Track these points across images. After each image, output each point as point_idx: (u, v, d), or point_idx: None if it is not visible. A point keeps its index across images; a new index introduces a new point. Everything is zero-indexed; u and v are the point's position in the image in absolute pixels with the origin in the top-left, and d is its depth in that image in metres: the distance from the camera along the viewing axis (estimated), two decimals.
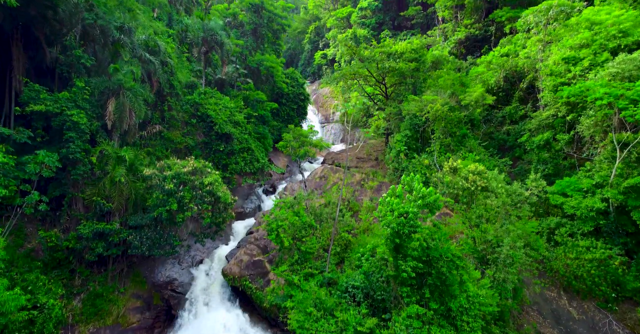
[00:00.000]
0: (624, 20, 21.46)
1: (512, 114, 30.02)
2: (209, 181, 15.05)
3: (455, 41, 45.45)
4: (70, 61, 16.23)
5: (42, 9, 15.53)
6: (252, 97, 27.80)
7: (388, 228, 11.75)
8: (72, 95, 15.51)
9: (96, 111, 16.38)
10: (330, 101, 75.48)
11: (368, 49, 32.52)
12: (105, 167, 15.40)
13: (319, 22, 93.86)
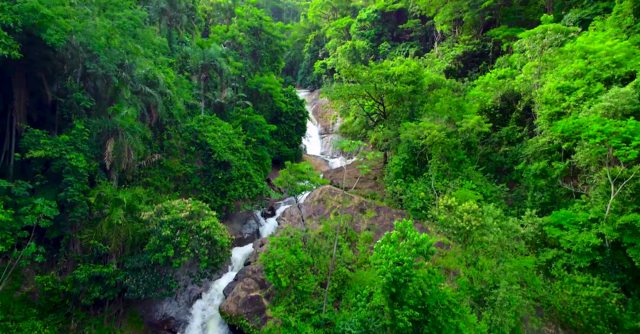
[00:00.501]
0: (616, 50, 21.69)
1: (509, 135, 30.21)
2: (206, 224, 15.17)
3: (454, 56, 45.78)
4: (70, 103, 16.45)
5: (43, 50, 15.75)
6: (251, 120, 28.03)
7: (384, 277, 11.84)
8: (72, 137, 15.70)
9: (95, 152, 16.54)
10: (330, 111, 75.73)
11: (366, 69, 32.78)
12: (103, 208, 15.56)
13: (318, 32, 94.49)
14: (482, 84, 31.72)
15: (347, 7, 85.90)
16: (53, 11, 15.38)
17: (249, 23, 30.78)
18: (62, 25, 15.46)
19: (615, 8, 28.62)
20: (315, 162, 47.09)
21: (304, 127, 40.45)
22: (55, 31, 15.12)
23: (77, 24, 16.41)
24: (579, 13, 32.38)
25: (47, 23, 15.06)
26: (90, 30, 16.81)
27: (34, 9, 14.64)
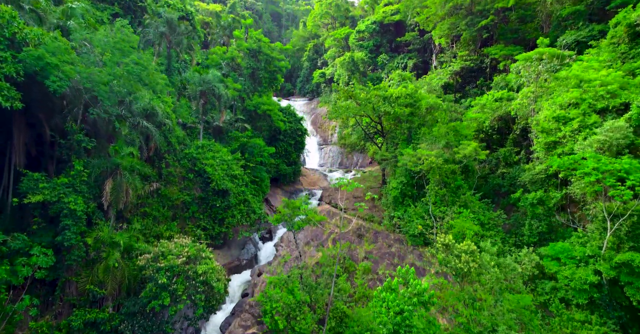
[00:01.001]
0: (611, 80, 21.92)
1: (506, 157, 30.37)
2: (203, 269, 15.13)
3: (451, 72, 46.06)
4: (70, 144, 16.47)
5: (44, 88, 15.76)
6: (250, 143, 28.10)
7: (384, 328, 11.85)
8: (71, 178, 15.71)
9: (93, 192, 16.56)
10: (329, 122, 75.83)
11: (364, 90, 32.96)
12: (100, 249, 15.53)
13: (317, 40, 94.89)
14: (479, 106, 31.94)
15: (345, 17, 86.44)
16: (58, 59, 15.44)
17: (247, 45, 30.97)
18: (66, 72, 15.51)
19: (610, 33, 28.93)
20: (314, 176, 47.14)
21: (302, 144, 40.54)
22: (58, 78, 15.17)
23: (82, 70, 16.46)
24: (574, 35, 32.69)
25: (51, 70, 15.12)
26: (95, 77, 16.83)
27: (39, 57, 14.71)
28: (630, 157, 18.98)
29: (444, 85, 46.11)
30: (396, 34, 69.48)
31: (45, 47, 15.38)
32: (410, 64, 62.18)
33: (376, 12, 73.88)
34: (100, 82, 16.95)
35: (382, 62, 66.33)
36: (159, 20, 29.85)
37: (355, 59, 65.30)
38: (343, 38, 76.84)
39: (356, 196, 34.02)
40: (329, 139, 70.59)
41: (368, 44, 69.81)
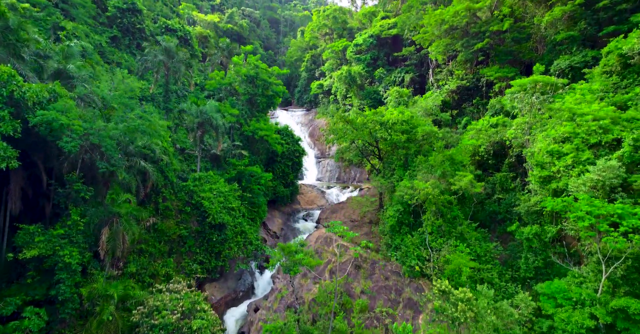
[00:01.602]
0: (603, 115, 22.19)
1: (502, 182, 30.56)
2: (198, 325, 15.08)
3: (448, 90, 46.43)
4: (67, 193, 16.49)
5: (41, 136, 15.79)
6: (247, 171, 28.17)
7: None
8: (67, 229, 15.71)
9: (89, 241, 16.55)
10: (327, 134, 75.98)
11: (361, 115, 33.15)
12: (94, 300, 15.46)
13: (315, 51, 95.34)
14: (475, 130, 32.18)
15: (343, 28, 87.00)
16: (69, 117, 15.49)
17: (245, 71, 31.19)
18: (76, 130, 15.54)
19: (602, 61, 29.33)
20: (312, 194, 47.16)
21: (300, 165, 40.65)
22: (70, 138, 15.21)
23: (88, 126, 16.48)
24: (568, 60, 33.08)
25: (63, 130, 15.16)
26: (102, 132, 16.84)
27: (53, 119, 14.77)
28: (624, 197, 19.17)
29: (441, 103, 46.40)
30: (393, 47, 70.03)
31: (54, 106, 15.41)
32: (407, 79, 62.57)
33: (373, 25, 74.47)
34: (107, 136, 16.97)
35: (379, 76, 66.73)
36: (157, 48, 30.06)
37: (352, 73, 65.67)
38: (340, 50, 77.33)
39: (353, 219, 34.07)
40: (327, 153, 70.60)
41: (365, 58, 70.28)
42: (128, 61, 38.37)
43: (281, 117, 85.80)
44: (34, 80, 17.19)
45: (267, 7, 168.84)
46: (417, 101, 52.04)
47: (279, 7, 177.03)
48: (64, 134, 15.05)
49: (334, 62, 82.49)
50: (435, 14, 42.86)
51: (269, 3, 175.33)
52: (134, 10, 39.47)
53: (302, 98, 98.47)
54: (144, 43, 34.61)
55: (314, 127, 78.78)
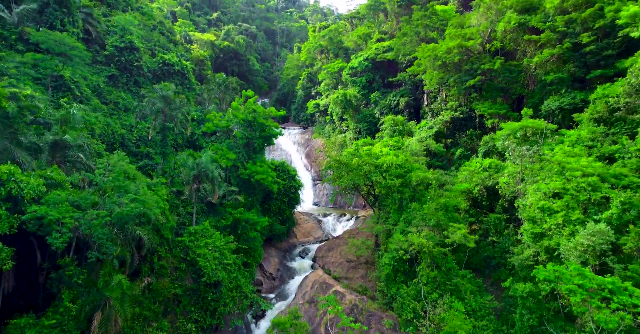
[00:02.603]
0: (591, 171, 22.74)
1: (496, 225, 30.95)
2: None
3: (442, 121, 47.11)
4: (60, 277, 16.63)
5: None
6: (243, 218, 28.40)
7: None
8: (59, 317, 15.78)
9: (81, 326, 16.59)
10: (323, 155, 76.23)
11: (356, 156, 33.57)
12: None
13: (311, 69, 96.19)
14: (468, 172, 32.63)
15: (339, 48, 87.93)
16: (60, 210, 15.66)
17: (242, 116, 31.67)
18: (67, 224, 15.74)
19: (590, 107, 30.09)
20: (308, 225, 47.25)
21: (296, 200, 40.90)
22: (59, 234, 15.39)
23: (79, 215, 16.62)
24: (558, 101, 33.86)
25: (53, 226, 15.36)
26: (94, 222, 16.99)
27: (41, 217, 14.93)
28: (614, 261, 19.58)
29: (436, 133, 47.01)
30: (389, 70, 70.97)
31: (47, 199, 15.61)
32: (402, 102, 63.31)
33: (368, 47, 75.58)
34: (98, 226, 17.16)
35: (374, 99, 67.55)
36: (155, 95, 30.49)
37: (348, 96, 66.42)
38: (336, 71, 78.26)
39: (349, 259, 34.23)
40: (324, 175, 71.05)
41: (361, 80, 71.18)
42: (125, 99, 38.72)
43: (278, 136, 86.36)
44: (31, 165, 17.43)
45: (263, 18, 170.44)
46: (413, 130, 52.74)
47: (275, 16, 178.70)
48: (54, 229, 15.20)
49: (330, 82, 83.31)
50: (428, 49, 43.75)
51: (265, 13, 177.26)
52: (131, 49, 39.98)
53: (298, 115, 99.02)
54: (141, 90, 35.04)
55: (310, 148, 79.18)
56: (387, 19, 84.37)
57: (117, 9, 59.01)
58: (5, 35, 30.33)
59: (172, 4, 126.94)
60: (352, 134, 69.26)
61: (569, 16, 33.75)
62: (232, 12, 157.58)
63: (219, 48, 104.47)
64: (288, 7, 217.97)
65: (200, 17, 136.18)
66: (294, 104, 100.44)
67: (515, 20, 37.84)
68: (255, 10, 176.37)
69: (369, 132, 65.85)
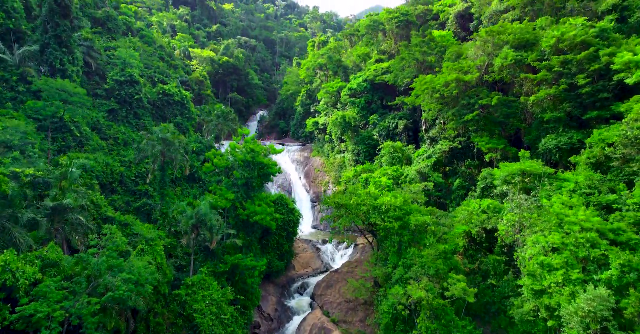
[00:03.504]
0: (589, 226, 22.83)
1: (495, 267, 30.91)
2: None
3: (440, 150, 47.31)
4: None
5: None
6: (242, 264, 28.27)
7: None
8: None
9: None
10: (322, 175, 76.19)
11: (355, 195, 33.59)
12: None
13: (310, 86, 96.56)
14: (467, 212, 32.63)
15: (337, 66, 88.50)
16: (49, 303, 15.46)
17: (241, 157, 31.80)
18: (57, 317, 15.52)
19: (586, 151, 30.36)
20: (306, 254, 46.97)
21: (294, 234, 40.76)
22: (48, 330, 15.18)
23: (69, 304, 16.41)
24: (555, 140, 34.11)
25: (42, 322, 15.14)
26: (84, 310, 16.78)
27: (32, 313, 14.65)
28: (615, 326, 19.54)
29: (434, 162, 47.15)
30: (387, 90, 71.37)
31: (36, 290, 15.48)
32: (400, 125, 63.57)
33: (367, 67, 76.08)
34: (89, 315, 16.96)
35: (373, 121, 67.81)
36: (153, 137, 30.55)
37: (346, 118, 66.72)
38: (335, 91, 78.70)
39: (348, 299, 33.98)
40: (322, 196, 70.47)
41: (359, 101, 71.47)
42: (125, 133, 38.76)
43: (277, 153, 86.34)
44: (28, 242, 17.31)
45: (262, 27, 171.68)
46: (411, 156, 52.89)
47: (275, 25, 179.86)
48: (43, 326, 14.97)
49: (329, 100, 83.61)
50: (425, 81, 44.17)
51: (264, 22, 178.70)
52: (132, 82, 40.15)
53: (297, 132, 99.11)
54: (139, 132, 35.12)
55: (309, 167, 79.01)
56: (385, 37, 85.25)
57: (117, 33, 59.46)
58: (6, 77, 30.46)
59: (172, 18, 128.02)
60: (351, 155, 69.38)
61: (565, 57, 34.21)
62: (232, 24, 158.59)
63: (219, 63, 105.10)
64: (287, 13, 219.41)
65: (199, 30, 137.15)
66: (293, 120, 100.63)
67: (512, 57, 38.34)
68: (255, 18, 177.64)
69: (367, 154, 65.97)
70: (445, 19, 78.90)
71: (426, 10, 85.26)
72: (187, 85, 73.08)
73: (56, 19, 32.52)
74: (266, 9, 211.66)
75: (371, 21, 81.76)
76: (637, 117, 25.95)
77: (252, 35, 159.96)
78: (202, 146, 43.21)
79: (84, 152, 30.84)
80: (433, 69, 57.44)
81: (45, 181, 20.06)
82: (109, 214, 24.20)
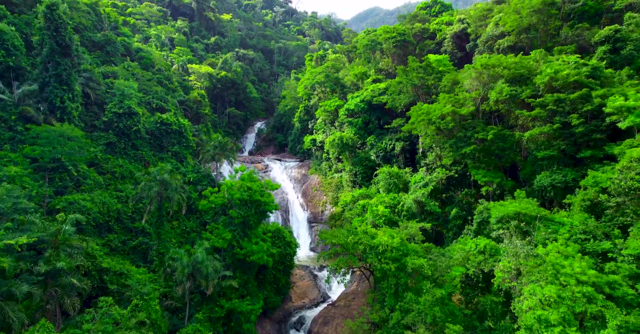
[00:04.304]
0: (585, 279, 22.98)
1: (492, 308, 30.88)
2: None
3: (437, 179, 47.55)
4: None
5: None
6: (238, 310, 28.11)
7: None
8: None
9: None
10: (320, 195, 76.12)
11: (352, 233, 33.62)
12: None
13: (308, 102, 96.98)
14: (464, 252, 32.70)
15: (335, 84, 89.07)
16: None
17: (238, 196, 31.84)
18: None
19: (581, 194, 30.66)
20: (303, 283, 46.66)
21: (292, 266, 40.60)
22: None
23: None
24: (549, 178, 34.45)
25: None
26: None
27: None
28: None
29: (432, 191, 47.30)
30: (384, 111, 71.84)
31: None
32: (397, 147, 63.95)
33: (364, 87, 76.63)
34: None
35: (370, 143, 68.16)
36: (150, 178, 30.53)
37: (344, 140, 67.02)
38: (333, 110, 79.14)
39: None
40: (320, 217, 70.35)
41: (357, 122, 71.89)
42: (122, 166, 38.66)
43: (275, 170, 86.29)
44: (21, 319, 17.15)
45: (261, 36, 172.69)
46: (408, 181, 53.07)
47: (273, 33, 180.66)
48: None
49: (327, 118, 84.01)
50: (422, 113, 44.60)
51: (262, 31, 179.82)
52: (130, 114, 40.19)
53: (295, 147, 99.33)
54: (136, 173, 35.08)
55: (307, 186, 78.85)
56: (383, 55, 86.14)
57: (116, 56, 59.63)
58: (5, 117, 30.43)
59: (170, 31, 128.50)
60: (349, 176, 69.58)
61: (558, 95, 34.73)
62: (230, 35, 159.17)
63: (217, 78, 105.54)
64: (286, 19, 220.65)
65: (198, 43, 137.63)
66: (291, 135, 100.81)
67: (507, 92, 38.88)
68: (253, 27, 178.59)
69: (364, 176, 66.18)
70: (442, 39, 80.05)
71: (423, 29, 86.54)
72: (185, 105, 73.28)
73: (57, 58, 32.63)
74: (264, 15, 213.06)
75: (369, 41, 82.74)
76: (629, 166, 26.30)
77: (250, 44, 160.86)
78: (199, 176, 43.19)
79: (81, 192, 30.72)
80: (430, 93, 58.15)
81: (41, 239, 19.93)
82: (104, 265, 24.06)
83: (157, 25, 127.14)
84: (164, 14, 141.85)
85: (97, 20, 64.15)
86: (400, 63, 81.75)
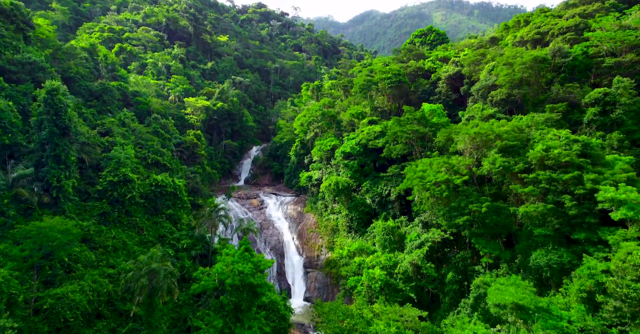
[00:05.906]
0: None
1: None
2: None
3: (432, 239, 47.43)
4: None
5: None
6: None
7: None
8: None
9: None
10: (316, 237, 75.30)
11: (348, 316, 33.13)
12: None
13: (305, 136, 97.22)
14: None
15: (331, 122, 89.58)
16: None
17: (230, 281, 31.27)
18: None
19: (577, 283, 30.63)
20: None
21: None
22: None
23: None
24: (545, 257, 34.46)
25: None
26: None
27: None
28: None
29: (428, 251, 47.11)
30: (380, 154, 72.27)
31: None
32: (393, 194, 63.89)
33: (361, 128, 77.21)
34: None
35: (366, 188, 68.16)
36: (140, 266, 30.00)
37: (340, 186, 67.02)
38: (329, 150, 79.50)
39: None
40: (316, 262, 69.16)
41: (353, 164, 72.05)
42: (115, 238, 38.00)
43: (270, 206, 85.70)
44: None
45: (257, 55, 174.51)
46: (404, 237, 52.88)
47: (269, 49, 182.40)
48: None
49: (323, 155, 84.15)
50: (417, 175, 44.89)
51: (259, 49, 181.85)
52: (125, 181, 39.81)
53: (291, 181, 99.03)
54: (123, 263, 34.44)
55: (302, 226, 77.93)
56: (378, 93, 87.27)
57: (112, 104, 59.60)
58: None
59: (167, 59, 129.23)
60: (345, 220, 69.29)
61: (551, 175, 35.20)
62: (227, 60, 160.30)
63: (213, 110, 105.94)
64: (282, 32, 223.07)
65: (195, 70, 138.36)
66: (287, 168, 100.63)
67: (500, 163, 39.32)
68: (250, 45, 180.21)
69: (360, 221, 65.94)
70: (437, 79, 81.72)
71: (417, 68, 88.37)
72: (181, 147, 73.17)
73: (56, 140, 32.37)
74: (261, 28, 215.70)
75: (365, 81, 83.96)
76: (624, 267, 26.47)
77: (246, 64, 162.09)
78: (193, 241, 42.60)
79: (71, 280, 29.94)
80: (425, 146, 58.84)
81: None
82: None
83: (153, 53, 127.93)
84: (160, 39, 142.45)
85: (93, 67, 64.49)
86: (396, 102, 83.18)
